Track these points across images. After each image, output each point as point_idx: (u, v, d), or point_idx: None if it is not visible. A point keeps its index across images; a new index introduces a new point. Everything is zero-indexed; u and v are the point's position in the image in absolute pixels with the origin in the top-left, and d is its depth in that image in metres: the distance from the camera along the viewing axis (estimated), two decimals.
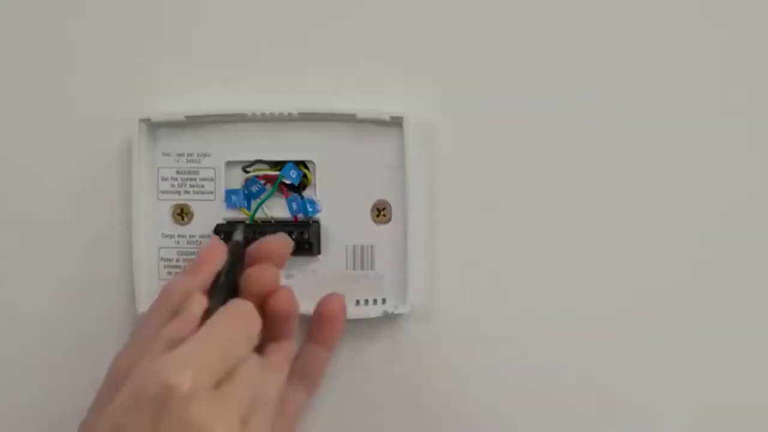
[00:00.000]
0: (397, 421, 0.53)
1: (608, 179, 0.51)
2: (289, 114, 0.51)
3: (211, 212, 0.52)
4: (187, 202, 0.53)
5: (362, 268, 0.52)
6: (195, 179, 0.52)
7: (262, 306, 0.47)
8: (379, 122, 0.51)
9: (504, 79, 0.52)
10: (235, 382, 0.41)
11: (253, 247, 0.49)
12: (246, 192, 0.52)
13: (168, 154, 0.53)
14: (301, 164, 0.52)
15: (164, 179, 0.53)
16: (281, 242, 0.49)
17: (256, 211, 0.52)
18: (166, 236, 0.53)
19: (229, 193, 0.52)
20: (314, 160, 0.52)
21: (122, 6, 0.54)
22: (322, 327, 0.50)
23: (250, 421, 0.41)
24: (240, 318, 0.44)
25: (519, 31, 0.52)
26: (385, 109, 0.51)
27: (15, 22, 0.54)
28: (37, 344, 0.55)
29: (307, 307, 0.51)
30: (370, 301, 0.52)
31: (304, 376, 0.50)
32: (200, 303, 0.43)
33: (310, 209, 0.51)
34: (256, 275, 0.47)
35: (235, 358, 0.42)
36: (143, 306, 0.52)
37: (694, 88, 0.51)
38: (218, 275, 0.47)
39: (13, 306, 0.55)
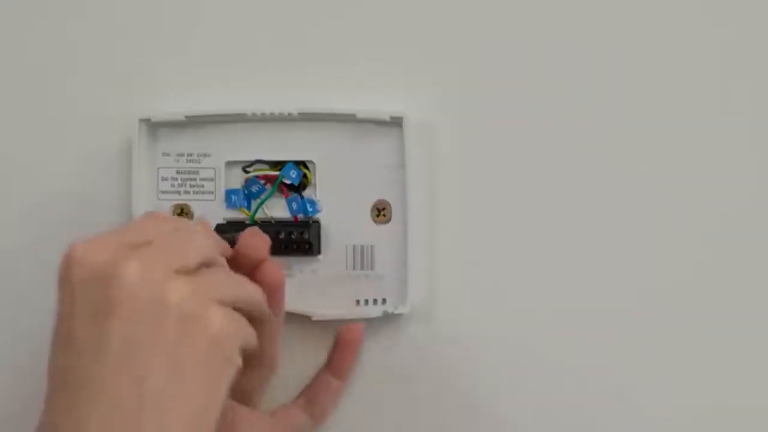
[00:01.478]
0: (397, 420, 0.53)
1: (608, 179, 0.51)
2: (289, 114, 0.51)
3: (211, 212, 0.52)
4: (187, 202, 0.53)
5: (362, 268, 0.52)
6: (195, 179, 0.52)
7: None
8: (379, 122, 0.51)
9: (504, 79, 0.52)
10: (152, 244, 0.40)
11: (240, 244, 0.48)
12: (246, 192, 0.52)
13: (168, 154, 0.53)
14: (301, 164, 0.52)
15: (164, 179, 0.53)
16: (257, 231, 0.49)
17: (256, 211, 0.52)
18: None
19: (229, 193, 0.52)
20: (314, 160, 0.52)
21: (122, 6, 0.54)
22: (334, 353, 0.51)
23: (195, 273, 0.40)
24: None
25: (519, 31, 0.52)
26: (385, 109, 0.51)
27: (15, 22, 0.54)
28: (37, 344, 0.54)
29: (307, 307, 0.51)
30: (370, 301, 0.52)
31: (310, 400, 0.51)
32: None
33: (310, 209, 0.51)
34: (246, 240, 0.46)
35: (146, 234, 0.40)
36: None
37: (694, 88, 0.51)
38: None
39: (13, 306, 0.55)
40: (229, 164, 0.52)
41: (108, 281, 0.38)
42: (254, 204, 0.52)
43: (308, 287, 0.51)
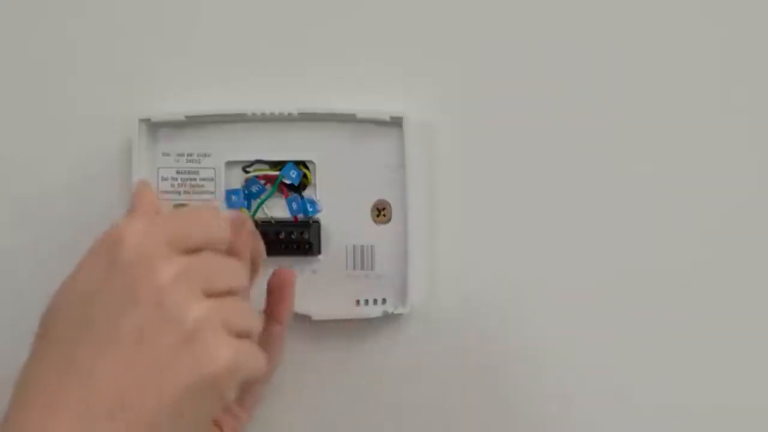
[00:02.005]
0: (396, 420, 0.53)
1: (608, 179, 0.51)
2: (289, 114, 0.51)
3: None
4: (187, 202, 0.53)
5: (362, 268, 0.52)
6: (195, 179, 0.52)
7: None
8: (379, 122, 0.51)
9: (504, 79, 0.52)
10: (196, 256, 0.41)
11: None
12: (246, 192, 0.52)
13: (168, 154, 0.53)
14: (301, 164, 0.52)
15: (164, 179, 0.53)
16: None
17: (256, 211, 0.52)
18: None
19: (229, 193, 0.52)
20: (314, 160, 0.52)
21: (122, 6, 0.54)
22: (270, 299, 0.50)
23: (218, 297, 0.40)
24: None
25: (519, 31, 0.52)
26: (385, 109, 0.51)
27: (15, 22, 0.54)
28: None
29: (307, 307, 0.51)
30: (370, 301, 0.52)
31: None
32: None
33: (310, 209, 0.51)
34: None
35: (195, 240, 0.41)
36: None
37: (694, 88, 0.51)
38: None
39: (13, 306, 0.54)
40: (229, 164, 0.52)
41: (144, 275, 0.39)
42: (254, 204, 0.52)
43: (308, 287, 0.51)
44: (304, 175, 0.52)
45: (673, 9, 0.51)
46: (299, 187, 0.52)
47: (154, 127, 0.52)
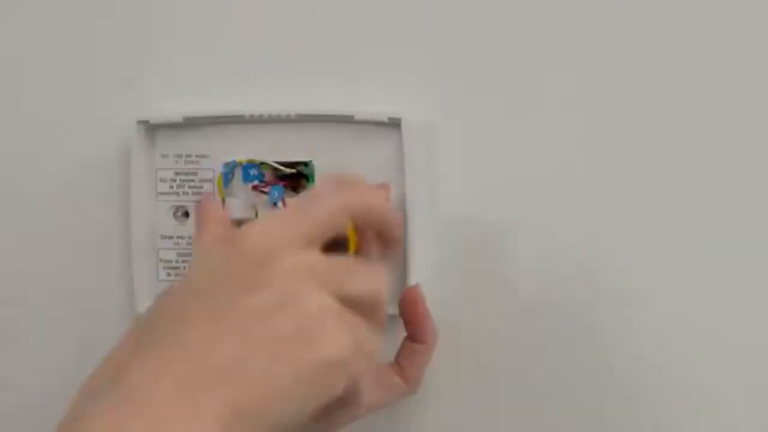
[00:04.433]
0: (396, 421, 0.53)
1: (609, 180, 0.51)
2: (287, 115, 0.51)
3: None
4: (185, 204, 0.53)
5: None
6: (194, 180, 0.52)
7: None
8: (377, 123, 0.50)
9: (504, 80, 0.51)
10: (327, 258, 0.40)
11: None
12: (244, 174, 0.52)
13: (166, 156, 0.53)
14: (301, 164, 0.51)
15: (163, 180, 0.53)
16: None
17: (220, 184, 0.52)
18: (165, 237, 0.53)
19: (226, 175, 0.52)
20: (312, 162, 0.51)
21: (120, 7, 0.54)
22: (403, 316, 0.50)
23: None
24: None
25: (519, 31, 0.51)
26: (384, 110, 0.50)
27: (14, 24, 0.54)
28: (36, 345, 0.55)
29: None
30: None
31: (400, 366, 0.49)
32: None
33: None
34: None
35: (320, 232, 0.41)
36: (142, 307, 0.52)
37: (694, 87, 0.50)
38: None
39: (12, 307, 0.55)
40: (228, 166, 0.52)
41: (267, 259, 0.39)
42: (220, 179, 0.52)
43: None
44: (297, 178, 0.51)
45: (673, 9, 0.50)
46: (299, 186, 0.51)
47: (152, 129, 0.52)
